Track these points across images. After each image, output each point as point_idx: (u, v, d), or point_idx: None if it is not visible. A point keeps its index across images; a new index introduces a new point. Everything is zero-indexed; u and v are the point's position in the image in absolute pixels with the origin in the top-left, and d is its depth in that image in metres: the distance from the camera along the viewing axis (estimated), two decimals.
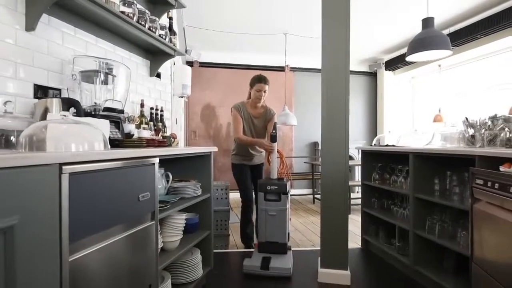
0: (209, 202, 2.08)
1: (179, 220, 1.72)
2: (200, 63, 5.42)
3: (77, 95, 1.58)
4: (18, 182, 0.75)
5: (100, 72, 1.54)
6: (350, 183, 4.35)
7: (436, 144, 2.30)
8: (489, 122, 1.89)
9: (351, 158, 5.49)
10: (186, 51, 4.93)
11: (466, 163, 1.65)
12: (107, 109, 1.56)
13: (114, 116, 1.59)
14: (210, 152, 2.09)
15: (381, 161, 2.73)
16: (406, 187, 2.32)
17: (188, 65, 5.16)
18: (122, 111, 1.67)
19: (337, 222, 2.13)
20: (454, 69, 4.73)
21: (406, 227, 2.19)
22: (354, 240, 3.01)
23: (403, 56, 4.07)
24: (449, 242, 1.86)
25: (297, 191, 5.82)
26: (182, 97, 2.90)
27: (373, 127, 6.20)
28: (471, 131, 1.98)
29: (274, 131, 2.46)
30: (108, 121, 1.42)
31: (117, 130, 1.59)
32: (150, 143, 1.66)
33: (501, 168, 1.35)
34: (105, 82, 1.59)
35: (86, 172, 0.97)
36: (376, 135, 5.69)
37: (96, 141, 1.10)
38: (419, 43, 2.42)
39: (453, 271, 1.94)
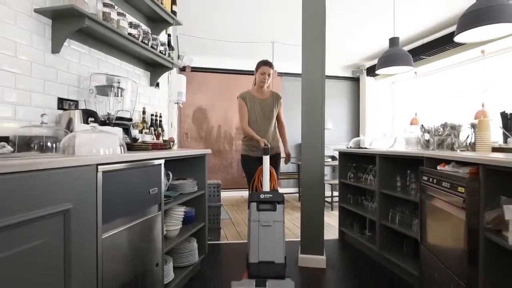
0: (203, 197, 2.38)
1: (179, 212, 2.01)
2: (192, 68, 5.68)
3: (92, 105, 1.85)
4: (70, 178, 1.04)
5: (113, 87, 1.82)
6: (333, 181, 4.71)
7: (399, 147, 2.66)
8: (441, 129, 2.25)
9: (335, 158, 5.85)
10: (178, 57, 5.19)
11: (421, 163, 1.99)
12: (118, 118, 1.84)
13: (124, 124, 1.87)
14: (205, 154, 2.39)
15: (356, 161, 3.08)
16: (374, 184, 2.67)
17: (180, 70, 5.46)
18: (130, 119, 1.95)
19: (314, 214, 2.45)
20: (429, 76, 5.16)
21: (374, 218, 2.53)
22: (333, 232, 3.36)
23: None
24: (406, 229, 2.21)
25: (285, 190, 6.14)
26: (177, 103, 3.19)
27: (355, 130, 6.59)
28: (426, 136, 2.34)
29: (266, 145, 2.48)
30: (121, 129, 1.71)
31: (126, 136, 1.87)
32: (154, 146, 1.96)
33: (438, 167, 1.69)
34: (117, 95, 1.87)
35: (113, 171, 1.26)
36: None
37: (117, 146, 1.39)
38: (387, 60, 2.77)
39: (411, 254, 2.29)
